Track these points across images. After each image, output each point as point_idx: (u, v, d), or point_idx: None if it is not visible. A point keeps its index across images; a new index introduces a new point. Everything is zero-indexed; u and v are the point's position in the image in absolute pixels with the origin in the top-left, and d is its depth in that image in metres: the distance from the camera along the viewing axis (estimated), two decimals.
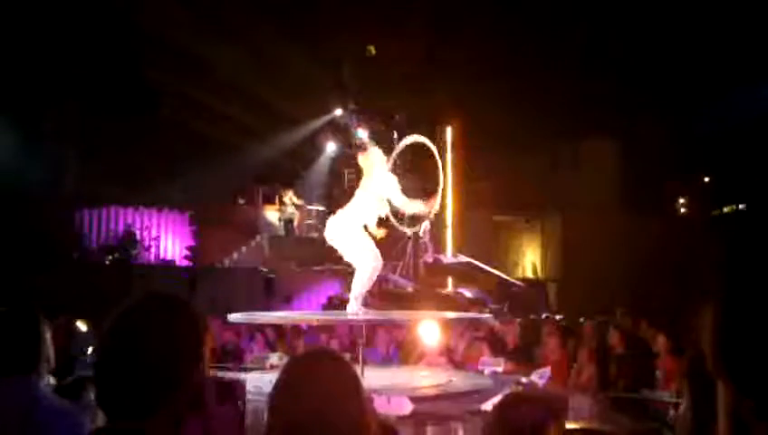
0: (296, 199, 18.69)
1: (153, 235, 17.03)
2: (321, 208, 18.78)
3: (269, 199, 19.53)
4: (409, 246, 15.25)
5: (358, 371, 1.65)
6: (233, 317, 6.19)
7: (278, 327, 8.79)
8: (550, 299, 17.47)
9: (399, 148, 6.60)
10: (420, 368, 7.08)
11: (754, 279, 0.92)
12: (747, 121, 16.42)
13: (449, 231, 17.45)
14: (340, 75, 18.32)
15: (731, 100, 16.46)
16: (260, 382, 5.28)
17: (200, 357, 1.43)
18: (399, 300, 13.18)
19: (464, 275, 16.47)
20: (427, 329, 7.12)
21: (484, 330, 8.61)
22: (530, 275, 20.14)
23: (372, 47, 18.02)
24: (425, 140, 6.74)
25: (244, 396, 1.54)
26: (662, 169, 19.16)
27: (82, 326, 7.12)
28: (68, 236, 15.09)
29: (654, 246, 16.44)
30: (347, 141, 19.60)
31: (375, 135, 19.38)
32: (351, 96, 18.52)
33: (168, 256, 17.52)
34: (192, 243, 17.22)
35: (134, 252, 15.60)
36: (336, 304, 13.20)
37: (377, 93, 18.14)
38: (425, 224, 6.38)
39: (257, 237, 18.36)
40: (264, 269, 16.09)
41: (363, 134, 19.31)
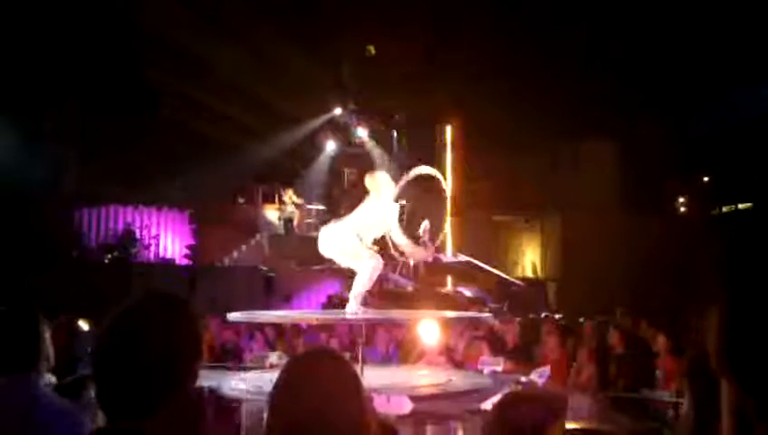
0: (296, 198, 18.69)
1: (153, 233, 17.05)
2: (321, 207, 18.80)
3: (269, 198, 19.54)
4: None
5: (357, 370, 1.65)
6: (232, 316, 6.18)
7: (278, 326, 8.80)
8: (549, 298, 17.49)
9: (408, 177, 6.43)
10: (420, 367, 7.06)
11: (758, 279, 0.93)
12: (747, 121, 16.43)
13: (449, 231, 17.43)
14: (340, 75, 18.33)
15: (731, 100, 16.45)
16: (260, 382, 5.29)
17: (199, 357, 1.43)
18: (399, 299, 13.18)
19: (463, 274, 16.49)
20: (427, 328, 7.11)
21: (484, 329, 8.61)
22: (529, 274, 20.14)
23: (372, 47, 18.03)
24: (435, 172, 6.65)
25: (240, 419, 1.53)
26: (662, 169, 19.17)
27: (84, 325, 7.11)
28: (67, 235, 15.10)
29: (654, 246, 16.45)
30: (347, 141, 19.62)
31: (375, 134, 19.43)
32: (351, 96, 18.54)
33: (168, 255, 17.53)
34: (192, 242, 17.25)
35: (134, 251, 15.62)
36: (336, 303, 13.20)
37: (377, 93, 18.15)
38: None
39: (257, 236, 18.37)
40: (264, 268, 16.09)
41: (363, 133, 19.34)
